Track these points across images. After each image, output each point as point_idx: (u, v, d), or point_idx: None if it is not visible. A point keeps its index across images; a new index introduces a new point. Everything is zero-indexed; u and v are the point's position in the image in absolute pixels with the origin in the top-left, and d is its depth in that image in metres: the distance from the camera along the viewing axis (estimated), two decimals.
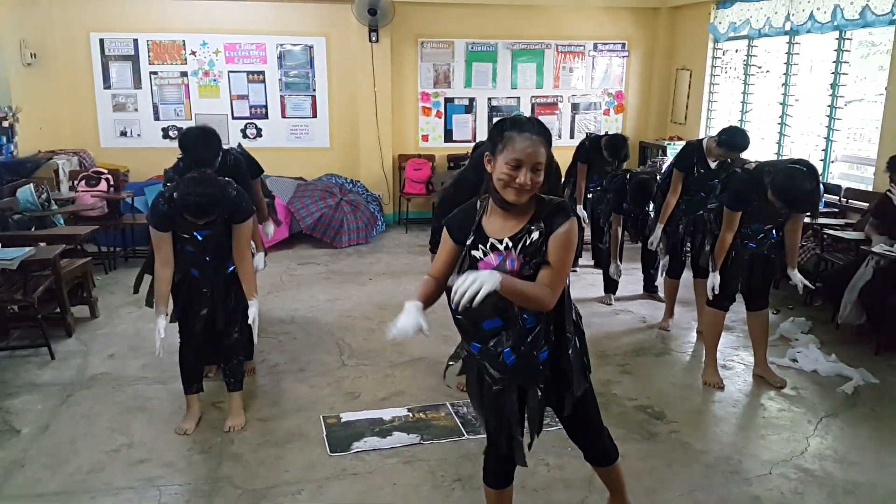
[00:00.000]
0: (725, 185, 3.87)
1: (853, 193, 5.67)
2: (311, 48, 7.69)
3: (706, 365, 3.93)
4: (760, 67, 6.96)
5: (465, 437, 3.26)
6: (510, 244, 1.95)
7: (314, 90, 7.81)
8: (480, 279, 1.74)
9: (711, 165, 4.42)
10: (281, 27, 7.58)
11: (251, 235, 3.33)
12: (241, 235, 3.15)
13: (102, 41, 7.39)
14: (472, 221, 2.01)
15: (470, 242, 1.99)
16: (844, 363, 4.01)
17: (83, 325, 4.69)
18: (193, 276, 3.17)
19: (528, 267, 1.93)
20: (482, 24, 7.86)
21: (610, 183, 5.27)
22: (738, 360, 4.21)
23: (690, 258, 4.62)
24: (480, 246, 1.98)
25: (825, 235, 5.13)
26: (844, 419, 3.48)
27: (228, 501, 2.78)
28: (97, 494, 2.82)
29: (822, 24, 5.72)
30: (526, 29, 7.97)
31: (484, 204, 2.01)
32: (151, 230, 3.07)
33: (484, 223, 2.00)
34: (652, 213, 4.95)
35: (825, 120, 5.99)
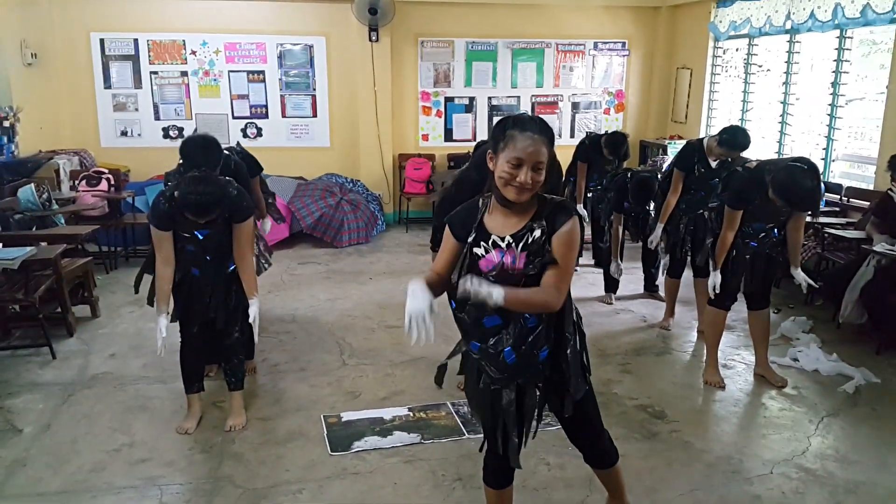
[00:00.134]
0: (726, 183, 3.86)
1: (854, 192, 5.66)
2: (311, 48, 7.69)
3: (707, 364, 3.93)
4: (761, 66, 6.95)
5: (465, 436, 3.26)
6: (511, 241, 1.95)
7: (314, 90, 7.81)
8: (487, 292, 1.82)
9: (712, 164, 4.41)
10: (281, 27, 7.58)
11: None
12: (241, 235, 3.16)
13: (103, 41, 7.39)
14: (474, 219, 2.01)
15: (472, 239, 2.00)
16: (845, 362, 4.00)
17: (84, 324, 4.70)
18: (194, 275, 3.18)
19: (531, 266, 1.93)
20: (482, 23, 7.87)
21: (611, 182, 5.27)
22: (739, 359, 4.21)
23: (691, 257, 4.63)
24: (482, 243, 1.98)
25: (826, 234, 5.12)
26: (845, 419, 3.48)
27: (229, 500, 2.78)
28: (98, 494, 2.82)
29: (822, 22, 5.71)
30: (526, 28, 7.96)
31: (486, 202, 2.02)
32: (152, 229, 3.08)
33: (486, 220, 2.00)
34: (652, 212, 4.95)
35: (826, 119, 5.99)
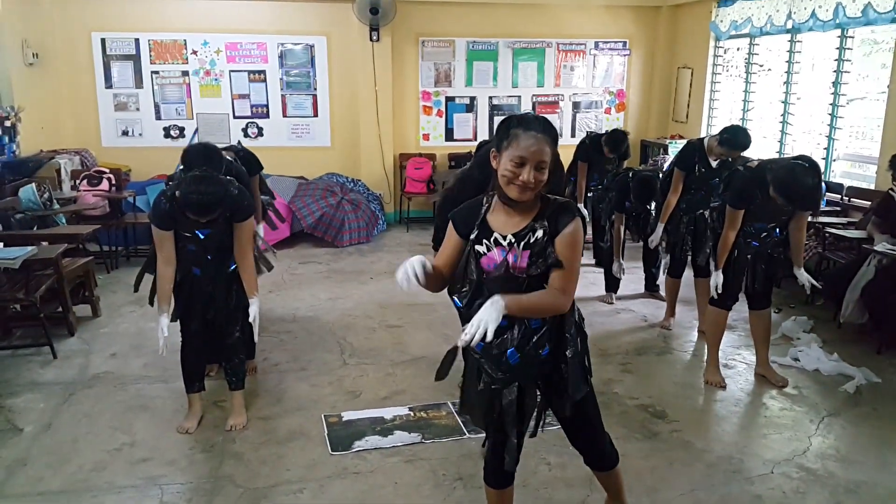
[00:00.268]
0: (728, 183, 3.86)
1: (855, 192, 5.66)
2: (311, 47, 7.69)
3: (708, 364, 3.93)
4: (762, 66, 6.94)
5: (466, 436, 3.25)
6: (513, 240, 1.95)
7: (315, 89, 7.81)
8: (484, 319, 1.77)
9: (712, 164, 4.41)
10: (282, 26, 7.58)
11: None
12: (242, 234, 3.16)
13: (104, 41, 7.40)
14: (477, 216, 2.01)
15: (474, 237, 2.00)
16: (846, 362, 4.00)
17: (85, 324, 4.70)
18: (195, 274, 3.18)
19: (534, 266, 1.93)
20: (483, 22, 7.86)
21: (612, 182, 5.27)
22: (739, 358, 4.21)
23: (691, 257, 4.62)
24: (484, 241, 1.98)
25: (827, 234, 5.12)
26: (846, 418, 3.48)
27: (230, 500, 2.78)
28: (99, 493, 2.82)
29: (823, 22, 5.71)
30: (527, 27, 7.96)
31: (489, 200, 2.02)
32: (154, 228, 3.08)
33: (489, 218, 2.00)
34: (653, 211, 4.95)
35: (827, 118, 5.98)
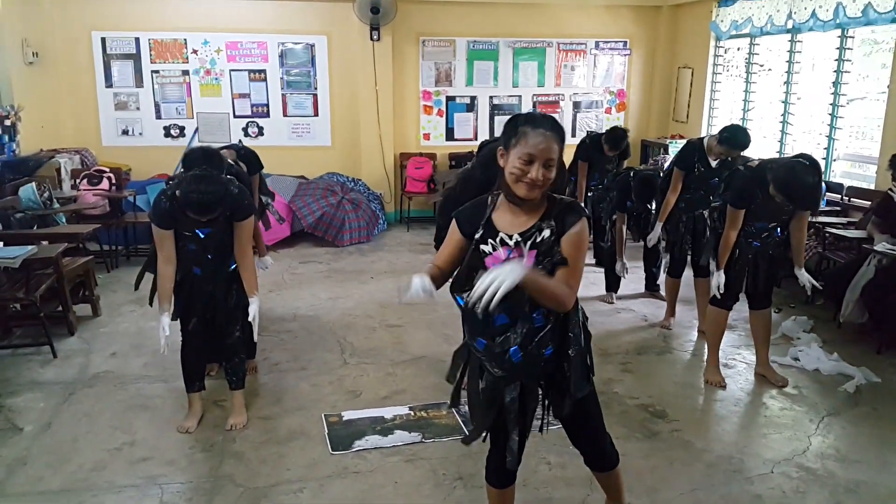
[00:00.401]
0: (728, 182, 3.86)
1: (855, 192, 5.66)
2: (312, 47, 7.69)
3: (708, 363, 3.93)
4: (762, 65, 6.94)
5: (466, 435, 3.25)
6: (520, 240, 1.95)
7: (316, 89, 7.81)
8: (502, 275, 1.68)
9: (712, 164, 4.41)
10: (282, 26, 7.58)
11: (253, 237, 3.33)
12: (242, 233, 3.16)
13: (104, 40, 7.40)
14: (482, 215, 2.00)
15: (479, 236, 1.99)
16: (846, 362, 4.00)
17: (85, 323, 4.70)
18: (195, 274, 3.18)
19: (541, 266, 1.93)
20: (483, 22, 7.86)
21: (613, 181, 5.27)
22: (739, 358, 4.21)
23: (691, 257, 4.62)
24: (490, 240, 1.97)
25: (827, 234, 5.12)
26: (846, 418, 3.48)
27: (230, 499, 2.78)
28: (99, 492, 2.82)
29: (824, 21, 5.70)
30: (527, 27, 7.96)
31: (495, 199, 2.01)
32: (154, 228, 3.08)
33: (494, 218, 1.99)
34: (655, 211, 4.94)
35: (827, 118, 5.98)
